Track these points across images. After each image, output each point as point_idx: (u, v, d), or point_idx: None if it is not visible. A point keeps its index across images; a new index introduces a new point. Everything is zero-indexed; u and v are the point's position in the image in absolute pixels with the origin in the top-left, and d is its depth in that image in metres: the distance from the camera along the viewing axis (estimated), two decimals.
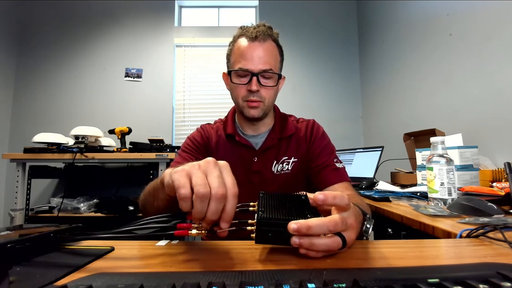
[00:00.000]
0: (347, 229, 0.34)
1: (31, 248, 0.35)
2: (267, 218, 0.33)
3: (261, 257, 0.35)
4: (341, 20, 2.58)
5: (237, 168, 0.79)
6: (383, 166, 1.44)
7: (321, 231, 0.31)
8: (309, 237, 0.31)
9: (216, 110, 2.46)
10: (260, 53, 0.70)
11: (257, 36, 0.71)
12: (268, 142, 0.79)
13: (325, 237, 0.32)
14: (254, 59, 0.70)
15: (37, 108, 2.40)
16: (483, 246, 0.38)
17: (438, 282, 0.22)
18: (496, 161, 1.07)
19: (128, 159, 1.77)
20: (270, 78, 0.73)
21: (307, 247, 0.31)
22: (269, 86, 0.73)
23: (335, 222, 0.32)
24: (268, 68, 0.71)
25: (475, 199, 0.66)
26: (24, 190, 1.71)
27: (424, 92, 1.62)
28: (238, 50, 0.73)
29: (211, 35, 2.53)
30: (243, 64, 0.71)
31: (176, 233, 0.35)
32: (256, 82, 0.70)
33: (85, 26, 2.49)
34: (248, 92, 0.72)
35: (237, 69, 0.72)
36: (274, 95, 0.76)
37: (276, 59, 0.75)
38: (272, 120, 0.84)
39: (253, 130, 0.82)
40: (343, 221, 0.33)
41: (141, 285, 0.23)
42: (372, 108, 2.33)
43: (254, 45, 0.71)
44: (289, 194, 0.40)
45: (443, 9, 1.45)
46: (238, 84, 0.73)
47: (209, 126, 0.86)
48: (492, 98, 1.16)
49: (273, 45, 0.74)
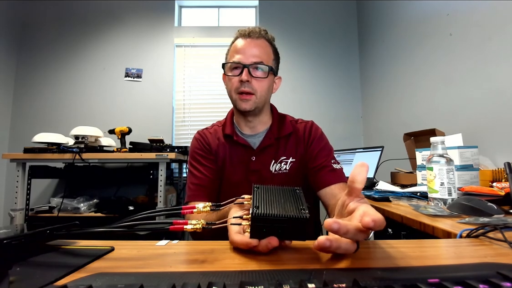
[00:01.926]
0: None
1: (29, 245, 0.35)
2: (262, 214, 0.33)
3: (261, 257, 0.35)
4: (341, 20, 2.58)
5: (236, 167, 0.80)
6: (383, 166, 1.44)
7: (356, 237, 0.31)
8: (337, 241, 0.31)
9: (216, 110, 2.45)
10: (252, 47, 0.75)
11: (250, 34, 0.76)
12: (266, 141, 0.80)
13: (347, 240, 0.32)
14: (246, 52, 0.74)
15: (37, 108, 2.40)
16: (483, 246, 0.38)
17: (438, 282, 0.22)
18: (496, 161, 1.07)
19: (128, 159, 1.77)
20: (261, 70, 0.75)
21: (334, 250, 0.31)
22: (260, 77, 0.75)
23: (367, 231, 0.31)
24: (259, 60, 0.74)
25: (475, 199, 0.66)
26: (24, 190, 1.71)
27: (424, 92, 1.62)
28: (233, 47, 0.78)
29: (211, 35, 2.53)
30: (236, 58, 0.75)
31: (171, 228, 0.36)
32: (247, 72, 0.73)
33: (85, 26, 2.49)
34: (240, 83, 0.74)
35: (230, 62, 0.76)
36: (266, 89, 0.77)
37: (269, 56, 0.77)
38: (269, 120, 0.85)
39: (251, 129, 0.82)
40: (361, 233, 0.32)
41: (141, 285, 0.23)
42: (372, 108, 2.33)
43: (246, 41, 0.76)
44: (283, 188, 0.40)
45: (443, 9, 1.45)
46: (231, 76, 0.76)
47: (206, 131, 0.87)
48: (492, 98, 1.16)
49: (266, 43, 0.78)
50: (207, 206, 0.38)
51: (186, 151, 2.01)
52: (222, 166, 0.81)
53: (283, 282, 0.23)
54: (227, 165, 0.80)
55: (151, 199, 1.87)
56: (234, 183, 0.79)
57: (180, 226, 0.36)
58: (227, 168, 0.80)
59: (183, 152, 1.99)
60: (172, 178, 2.32)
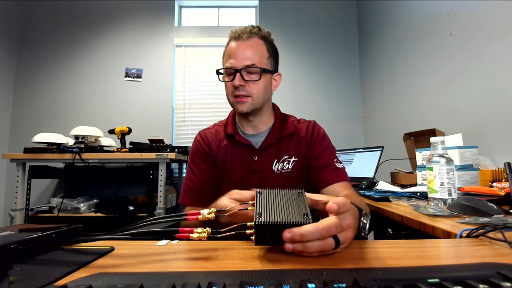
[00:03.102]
0: (343, 230, 0.34)
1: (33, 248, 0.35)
2: (265, 222, 0.34)
3: (261, 257, 0.35)
4: (341, 20, 2.58)
5: (237, 167, 0.80)
6: (383, 166, 1.44)
7: (314, 238, 0.32)
8: (303, 243, 0.32)
9: (216, 110, 2.45)
10: (243, 50, 0.74)
11: (240, 35, 0.75)
12: (268, 140, 0.80)
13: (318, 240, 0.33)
14: (238, 56, 0.74)
15: (37, 108, 2.40)
16: (483, 246, 0.38)
17: (438, 282, 0.22)
18: (496, 161, 1.07)
19: (128, 159, 1.77)
20: (254, 73, 0.75)
21: (300, 251, 0.33)
22: (253, 80, 0.75)
23: (328, 228, 0.33)
24: (251, 63, 0.73)
25: (475, 199, 0.66)
26: (24, 190, 1.72)
27: (424, 92, 1.62)
28: (226, 52, 0.78)
29: (211, 35, 2.53)
30: (229, 62, 0.75)
31: (177, 236, 0.37)
32: (239, 77, 0.73)
33: (85, 26, 2.49)
34: (234, 88, 0.75)
35: (223, 68, 0.77)
36: (262, 90, 0.77)
37: (262, 55, 0.76)
38: (271, 119, 0.85)
39: (253, 128, 0.83)
40: (338, 225, 0.33)
41: (141, 285, 0.23)
42: (372, 108, 2.33)
43: (237, 44, 0.75)
44: (286, 191, 0.41)
45: (443, 9, 1.45)
46: (226, 82, 0.77)
47: (208, 132, 0.87)
48: (492, 98, 1.16)
49: (258, 42, 0.76)
50: (212, 212, 0.39)
51: (186, 151, 2.01)
52: (223, 167, 0.81)
53: (283, 282, 0.23)
54: (228, 164, 0.80)
55: (151, 199, 1.87)
56: (235, 182, 0.79)
57: (186, 234, 0.37)
58: (228, 168, 0.80)
59: (183, 152, 2.00)
60: (172, 178, 2.32)
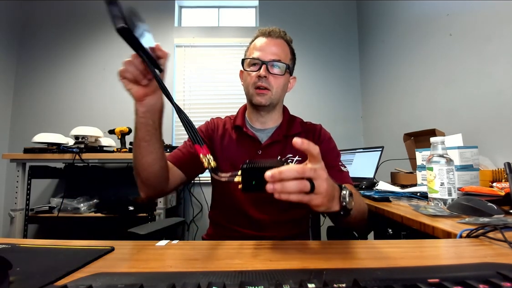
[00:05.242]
0: (317, 178, 0.38)
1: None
2: (250, 167, 0.39)
3: (261, 257, 0.35)
4: (341, 20, 2.58)
5: (241, 159, 0.80)
6: (383, 166, 1.44)
7: (290, 174, 0.36)
8: (281, 182, 0.36)
9: (216, 110, 2.45)
10: (271, 46, 0.78)
11: (270, 33, 0.79)
12: (274, 137, 0.82)
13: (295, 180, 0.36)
14: (266, 50, 0.77)
15: (37, 108, 2.40)
16: (483, 246, 0.38)
17: (438, 282, 0.22)
18: (496, 161, 1.07)
19: (128, 159, 1.77)
20: (279, 68, 0.78)
21: (280, 190, 0.36)
22: (277, 74, 0.78)
23: (302, 168, 0.37)
24: (277, 58, 0.77)
25: (475, 199, 0.66)
26: (24, 190, 1.71)
27: (424, 92, 1.62)
28: (253, 45, 0.81)
29: (211, 35, 2.52)
30: (255, 54, 0.78)
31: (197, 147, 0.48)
32: (265, 68, 0.76)
33: (85, 26, 2.49)
34: (258, 78, 0.77)
35: (249, 58, 0.79)
36: (282, 86, 0.80)
37: (286, 55, 0.80)
38: (280, 118, 0.87)
39: (261, 124, 0.84)
40: (311, 169, 0.37)
41: (141, 285, 0.23)
42: (372, 108, 2.33)
43: (266, 40, 0.79)
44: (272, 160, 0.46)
45: (443, 9, 1.44)
46: (250, 72, 0.79)
47: (218, 119, 0.90)
48: (492, 98, 1.16)
49: (284, 44, 0.81)
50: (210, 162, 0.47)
51: None
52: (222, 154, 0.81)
53: (283, 282, 0.23)
54: (232, 154, 0.81)
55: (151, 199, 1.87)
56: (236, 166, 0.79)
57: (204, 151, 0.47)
58: (232, 152, 0.81)
59: None
60: None
